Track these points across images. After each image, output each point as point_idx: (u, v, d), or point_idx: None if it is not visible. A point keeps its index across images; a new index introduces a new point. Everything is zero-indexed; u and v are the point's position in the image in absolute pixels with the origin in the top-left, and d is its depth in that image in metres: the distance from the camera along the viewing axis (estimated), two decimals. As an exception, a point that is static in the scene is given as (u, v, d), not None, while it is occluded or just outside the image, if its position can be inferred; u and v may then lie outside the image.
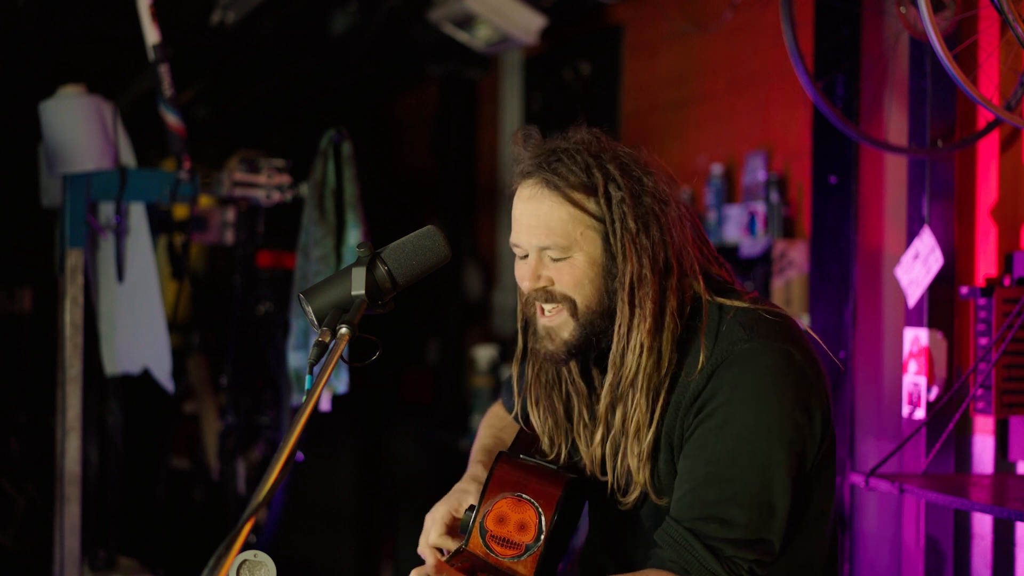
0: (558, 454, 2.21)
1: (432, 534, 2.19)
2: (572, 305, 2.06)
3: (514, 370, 2.27)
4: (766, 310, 2.08)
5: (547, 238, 2.05)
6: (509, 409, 2.52)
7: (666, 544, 1.99)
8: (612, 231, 2.04)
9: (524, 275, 2.09)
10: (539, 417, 2.21)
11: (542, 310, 2.09)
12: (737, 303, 2.09)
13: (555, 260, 2.06)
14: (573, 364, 2.15)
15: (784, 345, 2.02)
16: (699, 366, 2.03)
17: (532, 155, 2.10)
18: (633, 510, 2.16)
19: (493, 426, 2.50)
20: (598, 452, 2.14)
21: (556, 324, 2.08)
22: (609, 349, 2.08)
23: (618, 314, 2.05)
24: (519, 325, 2.20)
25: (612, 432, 2.09)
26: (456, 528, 2.19)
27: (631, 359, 2.04)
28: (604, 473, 2.15)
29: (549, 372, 2.18)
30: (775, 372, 1.99)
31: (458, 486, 2.27)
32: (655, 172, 2.09)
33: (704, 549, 1.95)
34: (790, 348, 2.02)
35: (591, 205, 2.04)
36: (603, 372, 2.12)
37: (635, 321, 2.04)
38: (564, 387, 2.19)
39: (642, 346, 2.03)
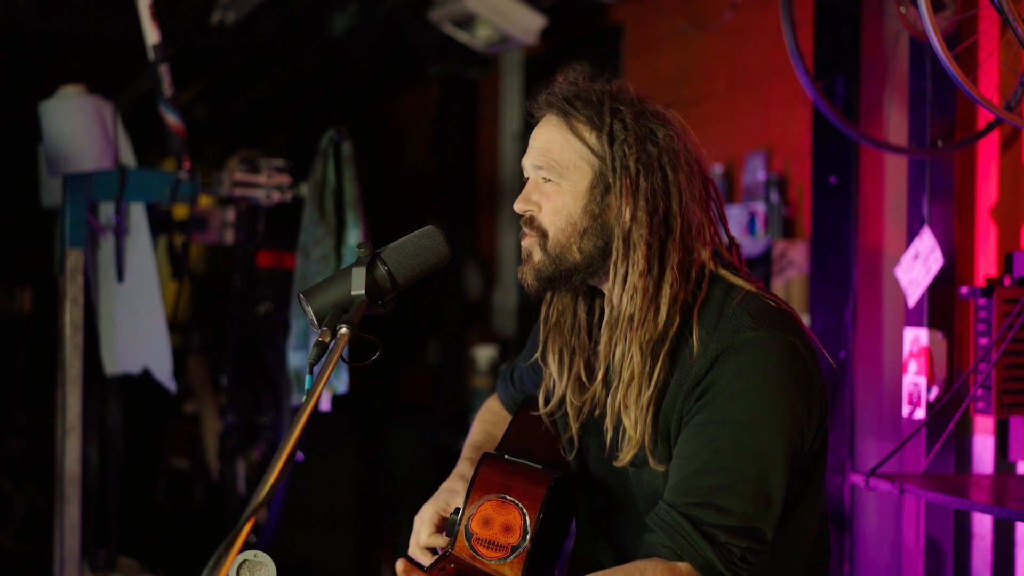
0: (551, 409, 2.22)
1: (422, 535, 2.20)
2: (543, 237, 2.10)
3: (542, 311, 2.27)
4: (772, 299, 2.08)
5: (542, 158, 2.11)
6: (504, 400, 2.52)
7: (659, 528, 1.99)
8: (612, 169, 2.07)
9: (520, 196, 2.14)
10: (551, 357, 2.22)
11: (525, 235, 2.13)
12: (744, 284, 2.08)
13: (545, 180, 2.11)
14: (581, 308, 2.19)
15: (790, 337, 2.01)
16: (695, 342, 2.03)
17: (561, 88, 2.19)
18: (624, 496, 2.16)
19: (486, 421, 2.50)
20: (600, 395, 2.14)
21: (528, 245, 2.12)
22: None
23: (613, 251, 2.06)
24: None
25: (612, 380, 2.09)
26: (445, 527, 2.19)
27: (626, 299, 2.05)
28: (602, 431, 2.14)
29: (566, 320, 2.21)
30: (780, 364, 1.99)
31: (445, 485, 2.28)
32: (676, 130, 2.12)
33: (698, 535, 1.95)
34: (795, 340, 2.02)
35: (591, 139, 2.09)
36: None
37: (629, 262, 2.05)
38: (577, 332, 2.20)
39: (635, 288, 2.04)
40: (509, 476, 2.13)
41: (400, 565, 2.07)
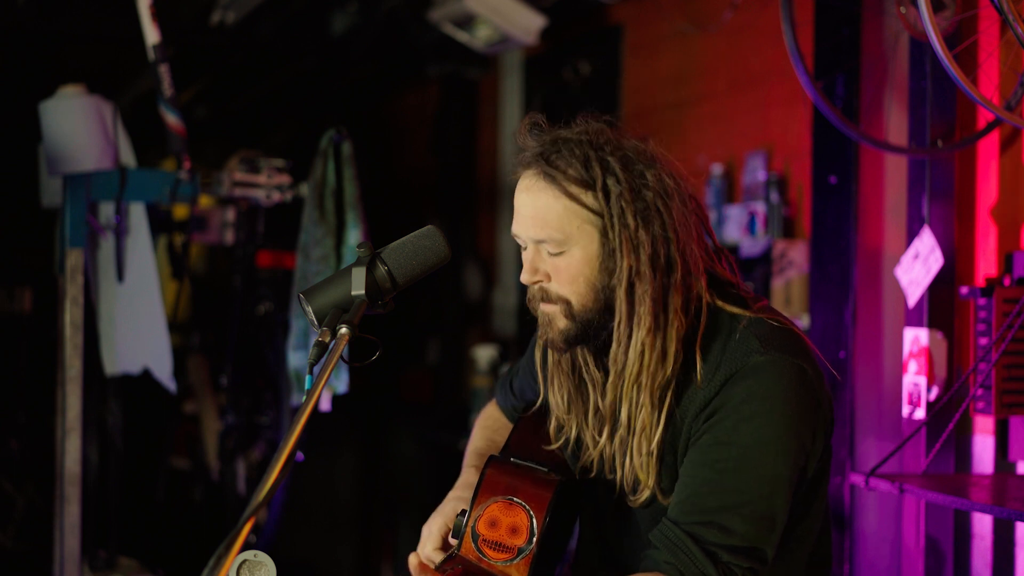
0: (564, 442, 2.21)
1: (428, 546, 2.19)
2: (567, 305, 2.05)
3: (536, 354, 2.26)
4: (776, 319, 2.07)
5: (543, 231, 2.04)
6: (503, 408, 2.52)
7: (662, 545, 1.99)
8: (611, 226, 2.01)
9: (524, 267, 2.08)
10: (555, 399, 2.20)
11: (541, 303, 2.09)
12: (748, 313, 2.07)
13: (552, 255, 2.05)
14: (587, 353, 2.14)
15: (798, 360, 2.01)
16: (698, 373, 2.02)
17: (536, 145, 2.08)
18: (627, 510, 2.16)
19: (487, 427, 2.50)
20: (608, 448, 2.13)
21: (551, 312, 2.07)
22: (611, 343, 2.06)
23: (616, 312, 2.02)
24: (529, 307, 2.19)
25: (619, 430, 2.08)
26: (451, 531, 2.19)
27: (632, 358, 2.02)
28: (612, 471, 2.14)
29: (565, 358, 2.17)
30: (787, 387, 1.99)
31: (452, 494, 2.27)
32: (661, 165, 2.06)
33: (701, 553, 1.95)
34: (803, 363, 2.02)
35: (588, 199, 2.02)
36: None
37: (634, 320, 2.02)
38: (579, 373, 2.17)
39: (643, 345, 2.01)
40: (516, 478, 2.13)
41: (413, 560, 2.08)
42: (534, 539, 2.06)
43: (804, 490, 2.06)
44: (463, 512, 2.14)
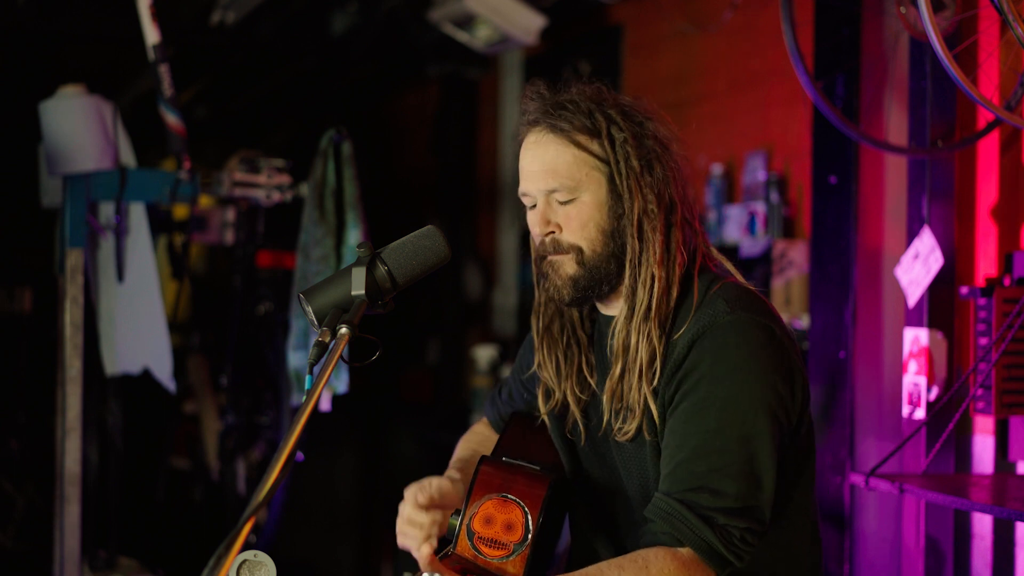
0: (555, 404, 2.26)
1: (406, 507, 2.21)
2: (579, 253, 2.12)
3: (532, 322, 2.31)
4: (745, 285, 2.16)
5: (554, 180, 2.12)
6: (491, 419, 2.56)
7: (658, 517, 2.01)
8: (617, 171, 2.11)
9: (535, 222, 2.15)
10: (546, 364, 2.27)
11: (552, 256, 2.15)
12: (732, 272, 2.19)
13: (562, 203, 2.12)
14: (575, 315, 2.24)
15: (763, 319, 2.07)
16: (693, 305, 2.09)
17: (538, 107, 2.18)
18: (621, 495, 2.18)
19: (471, 440, 2.54)
20: (607, 389, 2.15)
21: (560, 259, 2.14)
22: (610, 295, 2.15)
23: (628, 250, 2.11)
24: (534, 277, 2.25)
25: (617, 365, 2.12)
26: (429, 505, 2.21)
27: (642, 291, 2.10)
28: (593, 422, 2.20)
29: (555, 323, 2.26)
30: (755, 344, 2.04)
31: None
32: (657, 118, 2.18)
33: (697, 519, 1.98)
34: (770, 323, 2.07)
35: (595, 147, 2.12)
36: (607, 322, 2.18)
37: (645, 255, 2.10)
38: (567, 335, 2.25)
39: (653, 277, 2.10)
40: (509, 476, 2.14)
41: (425, 549, 2.09)
42: (530, 535, 2.07)
43: (792, 454, 2.10)
44: (457, 512, 2.14)
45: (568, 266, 2.13)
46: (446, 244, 2.01)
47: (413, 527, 2.21)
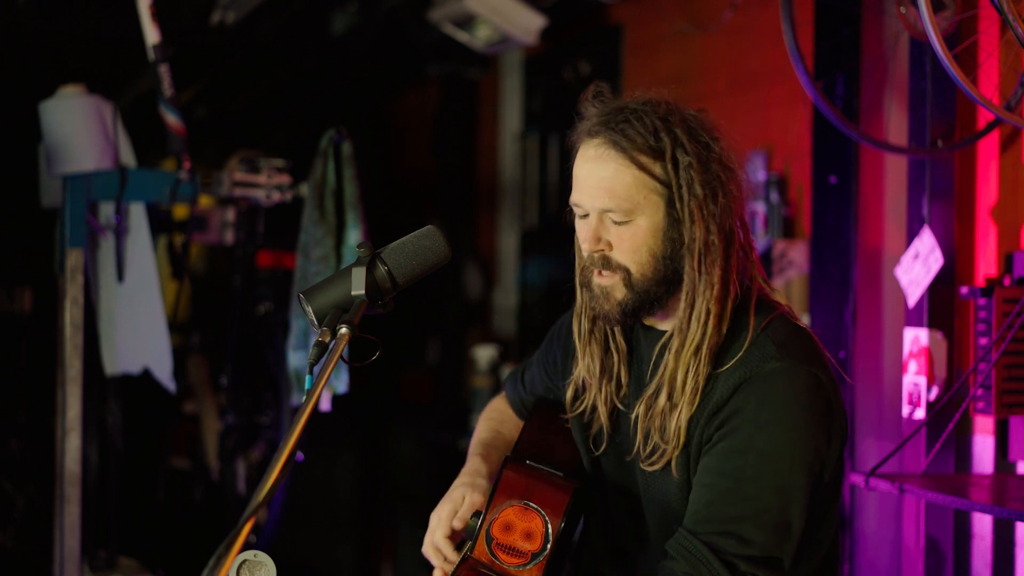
0: (583, 409, 2.22)
1: (437, 533, 2.19)
2: (627, 274, 2.06)
3: (575, 325, 2.25)
4: (794, 320, 2.09)
5: (611, 201, 2.03)
6: (511, 399, 2.52)
7: (680, 556, 1.98)
8: (679, 196, 2.02)
9: (585, 237, 2.07)
10: (586, 367, 2.21)
11: (599, 272, 2.09)
12: (783, 301, 2.12)
13: (616, 223, 2.04)
14: (617, 328, 2.17)
15: (813, 368, 2.02)
16: (746, 342, 2.03)
17: (599, 113, 2.07)
18: (639, 516, 2.16)
19: (492, 419, 2.49)
20: (630, 416, 2.12)
21: (610, 284, 2.07)
22: (657, 311, 2.09)
23: (685, 280, 2.04)
24: (577, 282, 2.19)
25: (661, 395, 2.07)
26: (460, 527, 2.19)
27: (696, 326, 2.03)
28: (629, 439, 2.13)
29: (596, 328, 2.19)
30: (802, 395, 1.99)
31: (459, 481, 2.26)
32: (721, 138, 2.08)
33: (720, 563, 1.95)
34: (818, 372, 2.02)
35: (657, 169, 2.03)
36: (650, 336, 2.13)
37: (701, 287, 2.03)
38: (606, 344, 2.19)
39: (708, 312, 2.03)
40: (532, 482, 2.13)
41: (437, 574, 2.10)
42: (548, 545, 2.06)
43: (819, 497, 2.06)
44: (477, 513, 2.13)
45: (617, 291, 2.06)
46: (446, 244, 2.00)
47: (439, 556, 2.19)
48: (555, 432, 2.31)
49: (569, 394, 2.25)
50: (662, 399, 2.06)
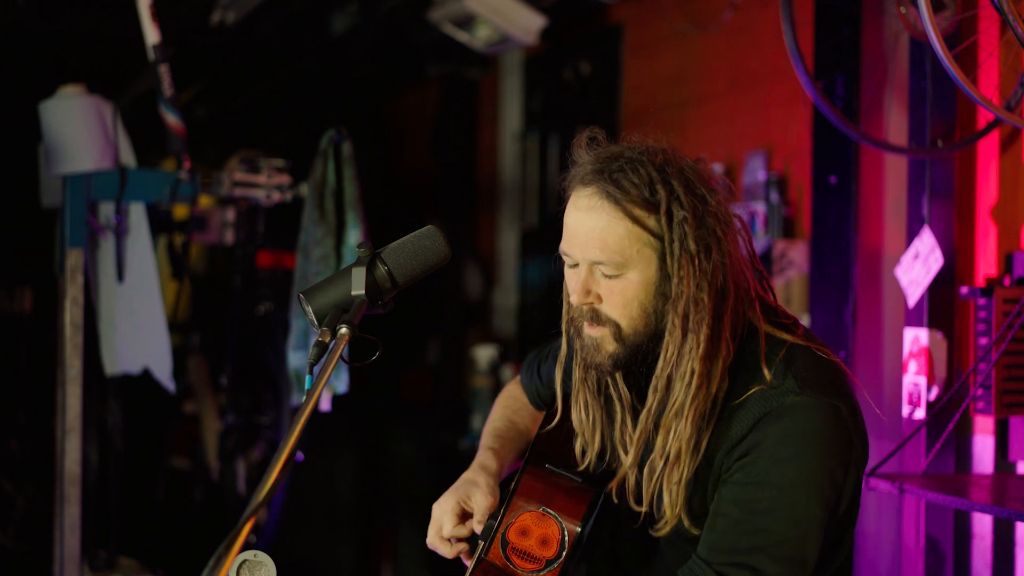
0: (588, 463, 2.17)
1: (447, 525, 2.17)
2: (617, 328, 2.00)
3: (557, 371, 2.21)
4: (816, 348, 2.05)
5: (601, 253, 1.97)
6: (526, 387, 2.47)
7: None
8: (670, 251, 1.96)
9: (574, 288, 2.02)
10: (580, 417, 2.16)
11: (588, 323, 2.03)
12: (788, 336, 2.04)
13: (607, 276, 1.98)
14: (618, 373, 2.10)
15: (834, 400, 1.99)
16: (733, 402, 1.99)
17: (593, 160, 2.01)
18: (649, 537, 2.15)
19: (507, 407, 2.45)
20: (632, 475, 2.10)
21: (600, 336, 2.02)
22: (655, 366, 2.02)
23: (667, 337, 1.98)
24: (563, 328, 2.14)
25: (651, 456, 2.04)
26: (466, 518, 2.18)
27: (679, 386, 1.98)
28: (637, 500, 2.11)
29: (592, 377, 2.13)
30: (821, 429, 1.97)
31: (466, 475, 2.24)
32: (718, 189, 2.01)
33: None
34: (839, 403, 2.00)
35: (651, 222, 1.96)
36: (647, 387, 2.06)
37: (687, 346, 1.97)
38: (605, 392, 2.14)
39: (693, 372, 1.97)
40: (550, 488, 2.12)
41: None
42: (564, 552, 2.06)
43: (834, 524, 2.05)
44: (494, 515, 2.12)
45: (608, 344, 2.01)
46: (446, 244, 2.00)
47: (444, 545, 2.18)
48: (572, 433, 2.29)
49: (577, 446, 2.19)
50: (657, 464, 2.03)
